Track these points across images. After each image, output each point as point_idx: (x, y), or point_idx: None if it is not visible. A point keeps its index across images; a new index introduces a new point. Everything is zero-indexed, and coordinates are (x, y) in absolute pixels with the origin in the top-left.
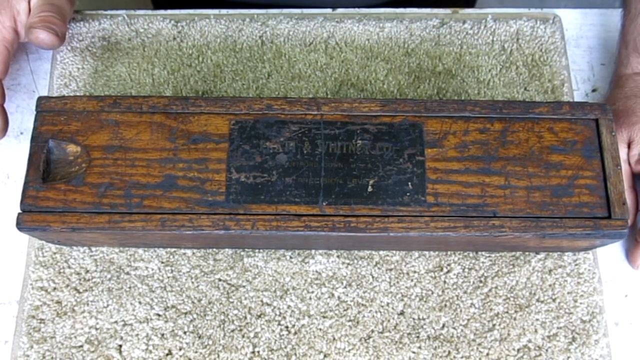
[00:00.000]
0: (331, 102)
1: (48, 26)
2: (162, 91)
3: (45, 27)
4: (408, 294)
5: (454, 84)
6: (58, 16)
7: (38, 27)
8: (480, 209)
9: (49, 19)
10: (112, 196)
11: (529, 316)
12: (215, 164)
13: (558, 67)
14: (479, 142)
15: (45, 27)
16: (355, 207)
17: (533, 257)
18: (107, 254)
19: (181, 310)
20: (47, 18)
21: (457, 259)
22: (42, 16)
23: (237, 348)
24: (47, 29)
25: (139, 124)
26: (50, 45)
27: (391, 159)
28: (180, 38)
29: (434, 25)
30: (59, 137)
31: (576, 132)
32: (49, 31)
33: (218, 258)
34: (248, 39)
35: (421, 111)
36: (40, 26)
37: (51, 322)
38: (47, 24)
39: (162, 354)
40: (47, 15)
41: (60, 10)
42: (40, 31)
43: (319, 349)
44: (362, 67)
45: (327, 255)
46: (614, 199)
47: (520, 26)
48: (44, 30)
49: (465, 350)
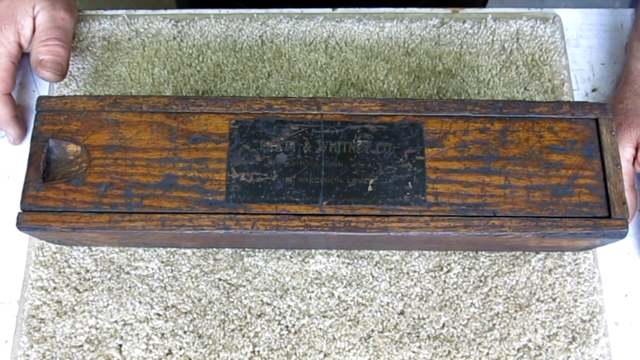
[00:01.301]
0: (331, 102)
1: (55, 66)
2: (162, 91)
3: (52, 67)
4: (408, 294)
5: (454, 84)
6: (64, 44)
7: (47, 69)
8: (480, 209)
9: (57, 51)
10: (112, 196)
11: (529, 316)
12: (215, 164)
13: (558, 67)
14: (479, 141)
15: (53, 67)
16: (356, 207)
17: (533, 257)
18: (107, 254)
19: (181, 310)
20: (55, 51)
21: (457, 258)
22: (50, 49)
23: (237, 348)
24: (54, 70)
25: (139, 123)
26: (55, 82)
27: (391, 158)
28: (180, 38)
29: (434, 25)
30: (59, 136)
31: (576, 131)
32: (55, 73)
33: (218, 258)
34: (248, 38)
35: (421, 111)
36: (49, 67)
37: (51, 322)
38: (55, 61)
39: (162, 353)
40: (55, 46)
41: (66, 34)
42: (48, 72)
43: (319, 349)
44: (362, 67)
45: (327, 254)
46: (614, 199)
47: (520, 26)
48: (52, 72)
49: (465, 350)
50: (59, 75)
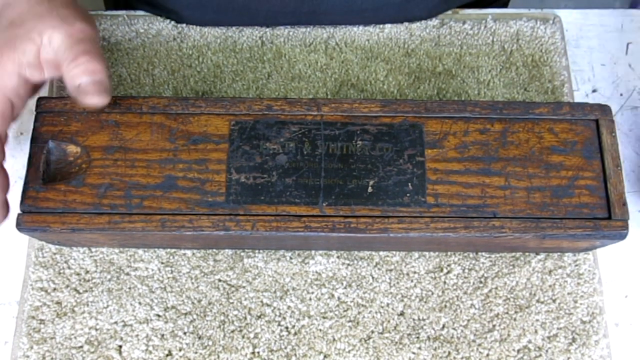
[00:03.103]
0: (331, 103)
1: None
2: (162, 92)
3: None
4: (408, 295)
5: (454, 85)
6: (96, 56)
7: (89, 94)
8: (481, 210)
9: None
10: (112, 197)
11: (529, 317)
12: (215, 165)
13: (558, 68)
14: (479, 142)
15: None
16: (356, 208)
17: (533, 258)
18: (107, 255)
19: (181, 311)
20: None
21: (457, 259)
22: (82, 68)
23: (237, 349)
24: (97, 92)
25: (139, 124)
26: (103, 105)
27: (391, 159)
28: (180, 39)
29: (434, 26)
30: (58, 137)
31: (576, 132)
32: (100, 95)
33: (218, 259)
34: (248, 39)
35: (421, 112)
36: (90, 90)
37: (51, 323)
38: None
39: (162, 354)
40: (86, 63)
41: (93, 45)
42: (92, 98)
43: (319, 350)
44: (362, 68)
45: (327, 255)
46: (614, 200)
47: (520, 27)
48: (96, 95)
49: (465, 351)
50: (104, 95)
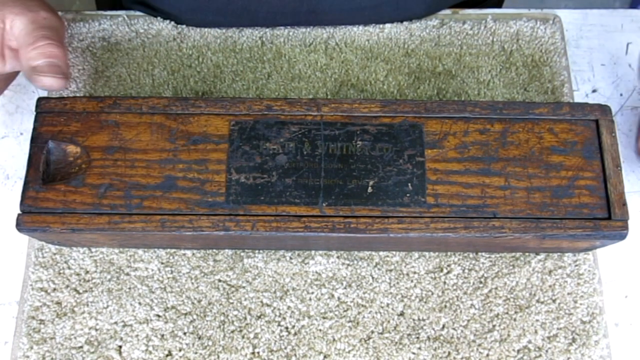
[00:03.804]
0: (331, 103)
1: (53, 68)
2: (162, 92)
3: (50, 71)
4: (408, 295)
5: (454, 85)
6: (57, 42)
7: (44, 74)
8: (480, 210)
9: (50, 51)
10: (111, 197)
11: (529, 317)
12: (215, 165)
13: (558, 68)
14: (479, 142)
15: (51, 70)
16: (355, 208)
17: (533, 258)
18: (106, 255)
19: (181, 311)
20: (48, 52)
21: (457, 259)
22: (40, 51)
23: (237, 349)
24: (52, 73)
25: (139, 124)
26: (60, 88)
27: (391, 159)
28: (180, 39)
29: (434, 26)
30: (58, 137)
31: (576, 132)
32: (54, 76)
33: (218, 259)
34: (248, 39)
35: (421, 112)
36: (46, 71)
37: (51, 323)
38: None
39: (162, 354)
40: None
41: (56, 33)
42: (46, 78)
43: (319, 350)
44: (362, 68)
45: (327, 256)
46: (614, 200)
47: (520, 27)
48: (50, 76)
49: (465, 351)
50: (60, 79)
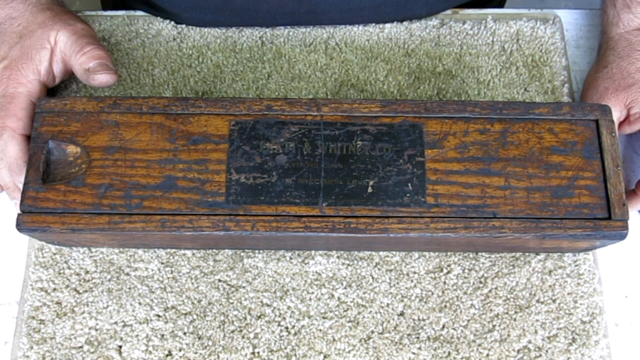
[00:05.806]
0: (331, 103)
1: (104, 67)
2: (162, 92)
3: (103, 69)
4: (408, 295)
5: (454, 85)
6: (100, 46)
7: (98, 72)
8: (480, 210)
9: (97, 53)
10: (112, 197)
11: (529, 317)
12: (215, 165)
13: (558, 68)
14: (479, 142)
15: (103, 69)
16: (355, 208)
17: (533, 258)
18: (107, 255)
19: (181, 311)
20: (95, 54)
21: (457, 259)
22: (89, 55)
23: (237, 349)
24: (105, 71)
25: (139, 124)
26: (113, 83)
27: (391, 159)
28: (180, 39)
29: (434, 26)
30: (58, 137)
31: (576, 132)
32: (108, 73)
33: (218, 259)
34: (248, 39)
35: (421, 112)
36: (99, 70)
37: (51, 323)
38: (102, 63)
39: (162, 354)
40: (92, 50)
41: (95, 39)
42: (101, 75)
43: (319, 350)
44: (362, 68)
45: (327, 256)
46: (614, 200)
47: (520, 27)
48: (104, 73)
49: (465, 351)
50: (112, 74)
